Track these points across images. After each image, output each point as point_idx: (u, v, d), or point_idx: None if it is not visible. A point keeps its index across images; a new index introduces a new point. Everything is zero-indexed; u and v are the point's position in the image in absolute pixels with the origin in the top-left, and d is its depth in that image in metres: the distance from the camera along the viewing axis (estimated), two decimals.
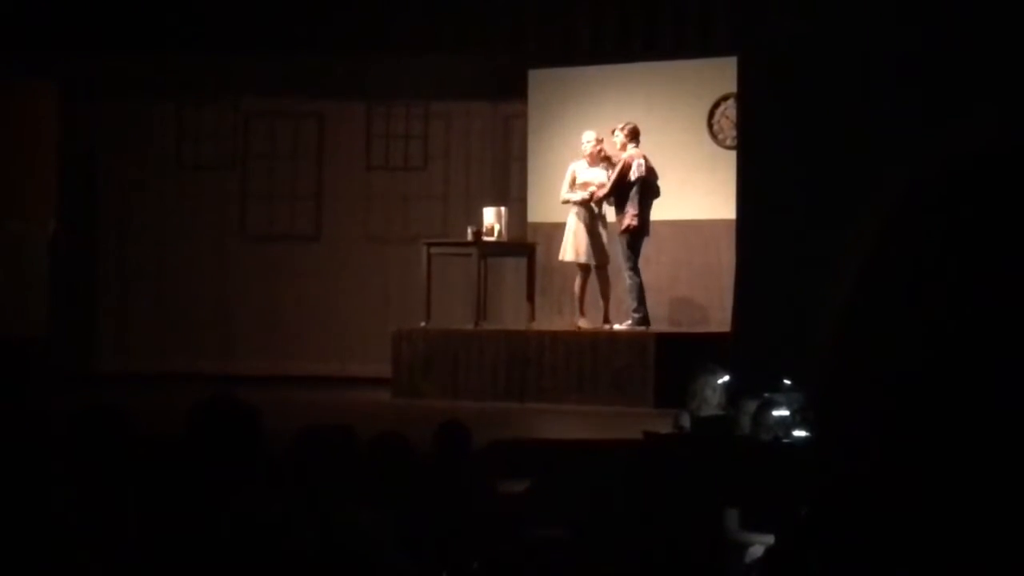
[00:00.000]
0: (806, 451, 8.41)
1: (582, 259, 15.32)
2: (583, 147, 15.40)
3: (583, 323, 15.45)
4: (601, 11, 16.57)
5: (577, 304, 15.56)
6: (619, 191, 15.05)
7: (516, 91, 17.44)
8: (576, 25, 16.78)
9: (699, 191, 16.09)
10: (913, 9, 11.74)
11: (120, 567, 5.85)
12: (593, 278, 15.45)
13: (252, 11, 16.36)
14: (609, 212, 15.30)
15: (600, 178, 15.24)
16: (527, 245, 16.54)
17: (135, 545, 5.94)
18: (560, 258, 15.50)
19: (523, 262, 16.45)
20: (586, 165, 15.37)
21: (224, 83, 18.17)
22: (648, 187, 15.06)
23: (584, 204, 15.24)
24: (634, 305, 15.11)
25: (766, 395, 9.39)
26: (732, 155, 14.76)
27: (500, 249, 16.16)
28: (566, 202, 15.35)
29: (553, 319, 16.44)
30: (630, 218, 14.93)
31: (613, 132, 15.24)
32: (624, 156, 15.06)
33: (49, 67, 17.43)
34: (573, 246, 15.33)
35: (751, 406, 9.24)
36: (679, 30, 16.29)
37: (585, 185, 15.31)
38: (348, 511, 6.43)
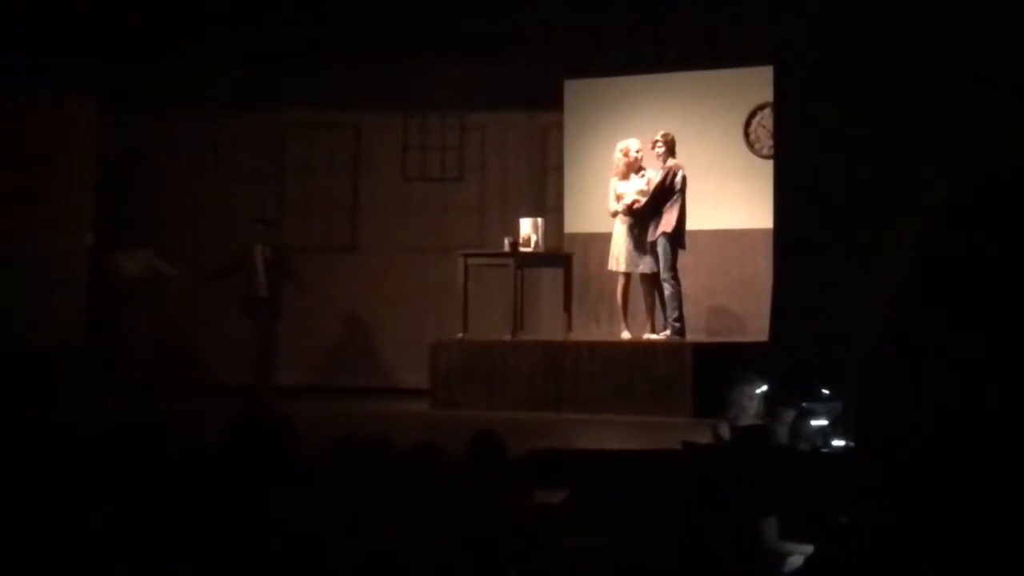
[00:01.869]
0: (844, 460, 8.37)
1: (623, 267, 15.35)
2: (617, 157, 15.40)
3: (626, 334, 15.43)
4: (636, 21, 16.57)
5: (621, 314, 15.55)
6: (659, 200, 15.06)
7: (552, 101, 17.45)
8: (611, 35, 16.79)
9: (736, 200, 16.07)
10: (942, 22, 11.71)
11: (158, 570, 5.86)
12: (637, 288, 15.45)
13: (289, 24, 16.39)
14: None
15: (638, 187, 15.25)
16: (564, 255, 16.52)
17: (173, 549, 5.94)
18: (609, 267, 15.57)
19: (560, 272, 16.43)
20: (626, 176, 15.37)
21: (261, 95, 18.19)
22: (684, 196, 15.08)
23: (626, 214, 15.26)
24: (674, 315, 15.08)
25: (804, 404, 9.36)
26: (769, 164, 14.74)
27: (537, 260, 16.15)
28: (615, 213, 15.36)
29: (590, 329, 16.43)
30: (666, 224, 14.95)
31: (653, 145, 15.22)
32: (668, 165, 15.07)
33: (87, 79, 17.47)
34: (615, 255, 15.38)
35: (789, 415, 9.20)
36: (714, 40, 16.29)
37: (619, 198, 15.34)
38: (381, 519, 6.42)
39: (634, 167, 15.32)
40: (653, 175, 15.23)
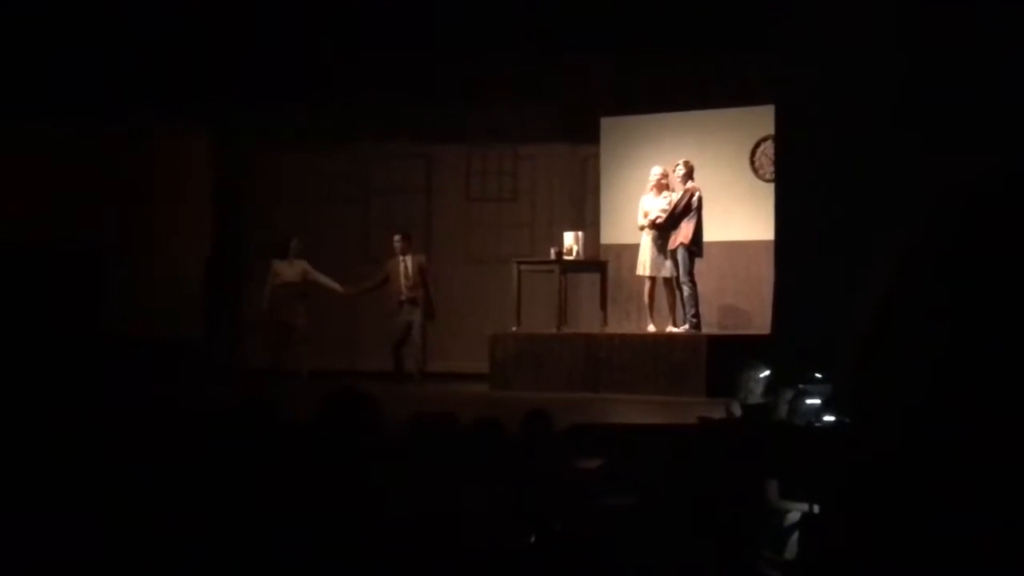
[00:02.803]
0: (834, 433, 8.34)
1: (648, 272, 15.36)
2: (650, 179, 15.44)
3: (651, 327, 15.42)
4: (659, 69, 16.57)
5: (648, 311, 15.56)
6: (678, 216, 15.06)
7: (590, 136, 17.45)
8: (639, 81, 16.77)
9: (743, 217, 16.03)
10: (918, 66, 11.68)
11: (258, 536, 5.86)
12: (660, 289, 15.45)
13: (372, 71, 16.41)
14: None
15: (662, 206, 15.26)
16: (600, 263, 16.52)
17: (275, 514, 5.95)
18: (637, 272, 15.55)
19: (597, 277, 16.42)
20: (652, 196, 15.38)
21: (350, 130, 18.23)
22: (700, 213, 15.07)
23: (651, 228, 15.27)
24: (692, 312, 15.06)
25: (800, 386, 9.34)
26: (770, 187, 14.69)
27: (577, 266, 16.16)
28: (642, 227, 15.37)
29: (622, 323, 16.41)
30: (684, 236, 14.96)
31: (675, 169, 15.26)
32: (687, 187, 15.09)
33: (201, 117, 17.55)
34: (641, 262, 15.40)
35: (788, 395, 9.20)
36: (725, 83, 16.26)
37: (646, 214, 15.36)
38: (452, 485, 6.42)
39: (663, 187, 15.35)
40: (675, 196, 15.24)
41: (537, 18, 15.11)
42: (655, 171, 15.49)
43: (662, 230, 15.24)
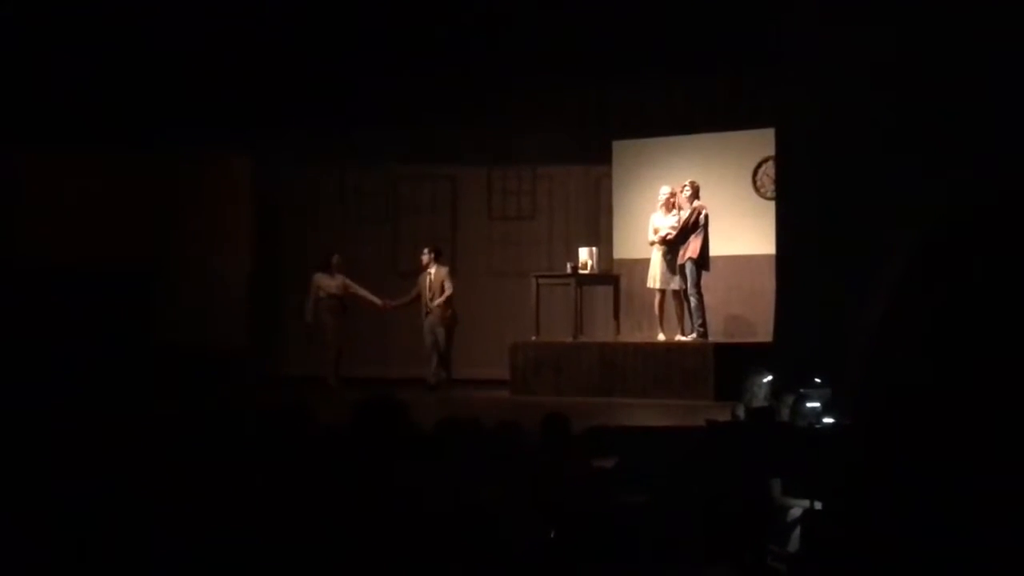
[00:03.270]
0: (833, 434, 8.28)
1: (658, 285, 15.34)
2: (659, 198, 15.42)
3: (661, 336, 15.37)
4: (667, 95, 16.54)
5: (658, 321, 15.51)
6: (686, 232, 15.03)
7: (603, 158, 17.41)
8: (648, 106, 16.74)
9: (746, 232, 15.98)
10: (911, 90, 11.62)
11: (298, 530, 5.84)
12: (670, 301, 15.42)
13: (401, 100, 16.41)
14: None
15: (671, 223, 15.23)
16: (613, 276, 16.48)
17: (312, 512, 5.93)
18: (648, 285, 15.51)
19: (610, 289, 16.38)
20: (662, 214, 15.35)
21: (380, 153, 18.24)
22: (707, 230, 15.03)
23: (661, 244, 15.24)
24: (699, 322, 15.01)
25: (801, 391, 9.27)
26: (771, 205, 14.63)
27: (592, 280, 16.13)
28: (652, 243, 15.34)
29: (634, 333, 16.36)
30: (692, 251, 14.93)
31: (682, 188, 15.22)
32: (694, 205, 15.05)
33: (244, 144, 17.57)
34: (652, 275, 15.37)
35: (789, 399, 9.13)
36: (728, 109, 16.22)
37: (656, 231, 15.33)
38: (476, 483, 6.38)
39: (671, 205, 15.32)
40: (683, 213, 15.20)
41: (554, 50, 15.09)
42: (664, 190, 15.46)
43: (671, 246, 15.20)
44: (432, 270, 16.35)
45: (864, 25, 11.87)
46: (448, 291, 16.30)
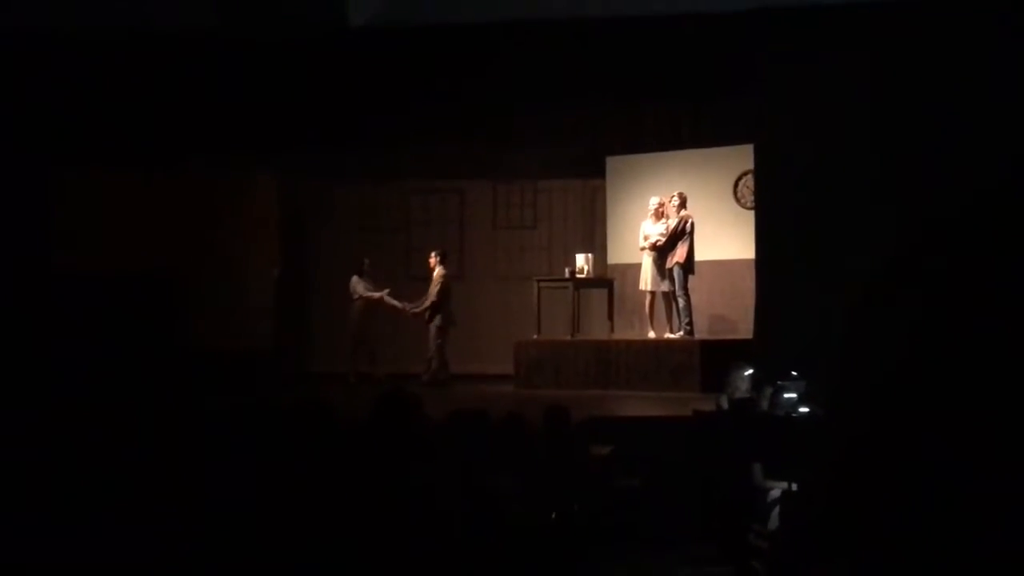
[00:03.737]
0: (808, 422, 8.32)
1: (648, 287, 15.37)
2: (649, 208, 15.46)
3: (652, 334, 15.41)
4: (656, 115, 16.55)
5: (649, 320, 15.54)
6: (674, 239, 15.07)
7: (598, 172, 17.45)
8: (639, 125, 16.75)
9: (728, 239, 16.00)
10: (883, 106, 11.68)
11: (317, 521, 5.86)
12: (659, 302, 15.45)
13: (413, 121, 16.44)
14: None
15: (660, 230, 15.27)
16: (607, 280, 16.52)
17: (331, 502, 5.95)
18: (639, 287, 15.54)
19: (605, 292, 16.42)
20: (652, 223, 15.39)
21: (392, 169, 18.27)
22: (693, 237, 15.07)
23: (651, 250, 15.28)
24: (686, 320, 15.05)
25: (779, 383, 9.32)
26: (751, 214, 14.70)
27: (588, 283, 16.16)
28: (643, 249, 15.38)
29: (627, 331, 16.38)
30: (679, 256, 14.98)
31: (671, 199, 15.26)
32: (681, 215, 15.10)
33: (270, 162, 17.62)
34: (643, 278, 15.40)
35: (769, 391, 9.17)
36: (712, 126, 16.21)
37: (646, 238, 15.36)
38: (485, 471, 6.43)
39: (660, 214, 15.36)
40: (671, 222, 15.24)
41: (554, 75, 15.13)
42: (653, 201, 15.50)
43: (660, 251, 15.25)
44: (436, 272, 16.38)
45: (837, 50, 11.94)
46: (432, 296, 16.27)
